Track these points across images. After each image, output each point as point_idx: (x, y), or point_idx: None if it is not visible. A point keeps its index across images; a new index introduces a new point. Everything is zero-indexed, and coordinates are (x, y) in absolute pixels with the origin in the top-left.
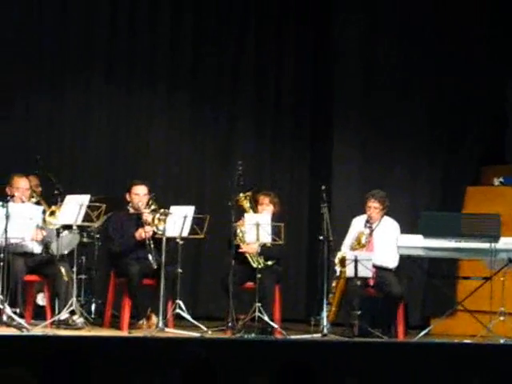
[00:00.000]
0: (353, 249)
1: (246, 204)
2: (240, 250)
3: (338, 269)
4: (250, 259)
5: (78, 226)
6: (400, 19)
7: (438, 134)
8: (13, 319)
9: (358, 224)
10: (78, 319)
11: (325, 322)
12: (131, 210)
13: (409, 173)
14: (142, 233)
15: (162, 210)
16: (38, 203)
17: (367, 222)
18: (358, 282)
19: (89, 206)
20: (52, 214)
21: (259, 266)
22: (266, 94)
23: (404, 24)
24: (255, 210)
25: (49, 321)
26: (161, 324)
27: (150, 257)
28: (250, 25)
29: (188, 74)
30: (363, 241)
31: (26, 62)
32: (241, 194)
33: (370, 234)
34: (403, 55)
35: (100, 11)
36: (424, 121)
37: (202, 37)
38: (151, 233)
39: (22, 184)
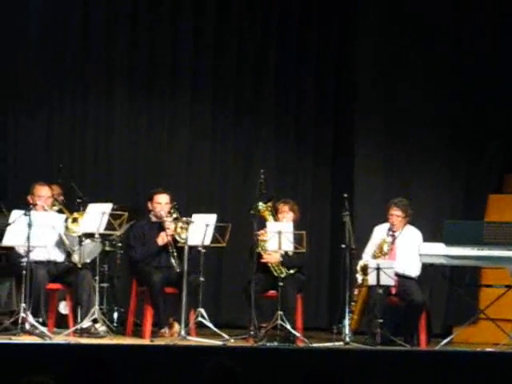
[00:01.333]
0: (375, 257)
1: (268, 214)
2: (262, 260)
3: (359, 277)
4: (272, 268)
5: (100, 235)
6: (427, 27)
7: (461, 142)
8: (35, 327)
9: (379, 232)
10: (101, 327)
11: (347, 330)
12: (153, 219)
13: (431, 181)
14: (164, 237)
15: (184, 219)
16: (60, 211)
17: (390, 230)
18: (380, 291)
19: (111, 215)
20: (74, 220)
21: (281, 275)
22: (288, 103)
23: (429, 32)
24: (276, 219)
25: (71, 329)
26: (183, 332)
27: (173, 260)
28: (272, 33)
29: (209, 83)
30: (385, 249)
31: (49, 72)
32: (261, 205)
33: (393, 243)
34: (427, 65)
35: (121, 20)
36: (446, 129)
37: (223, 47)
38: (171, 232)
39: (43, 192)
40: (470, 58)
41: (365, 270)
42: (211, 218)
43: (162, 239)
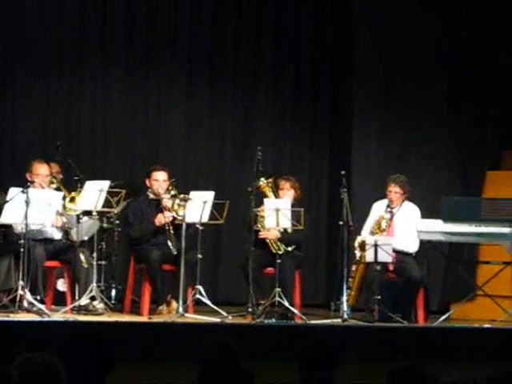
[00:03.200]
0: (373, 233)
1: (268, 190)
2: (260, 236)
3: (357, 253)
4: (270, 245)
5: (98, 212)
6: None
7: (458, 118)
8: (33, 305)
9: (378, 208)
10: (98, 305)
11: (345, 307)
12: (151, 196)
13: (428, 158)
14: (162, 218)
15: (181, 196)
16: (57, 189)
17: (388, 206)
18: (378, 267)
19: (108, 192)
20: (72, 200)
21: (279, 252)
22: (285, 80)
23: (424, 9)
24: (276, 196)
25: (69, 306)
26: (181, 309)
27: (170, 243)
28: (268, 11)
29: (206, 59)
30: (383, 225)
31: (45, 49)
32: (262, 181)
33: (391, 219)
34: (422, 41)
35: (119, 1)
36: (443, 105)
37: (219, 25)
38: (171, 218)
39: (41, 170)
40: (468, 32)
41: (363, 246)
42: (209, 195)
43: (159, 221)
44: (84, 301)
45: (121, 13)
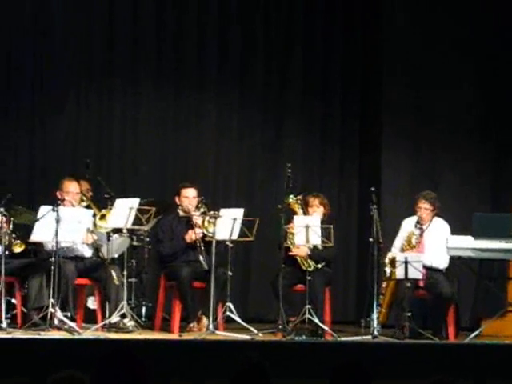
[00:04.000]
0: (403, 250)
1: (297, 207)
2: (290, 253)
3: (388, 270)
4: (300, 262)
5: (128, 230)
6: (455, 23)
7: (488, 135)
8: (64, 323)
9: (408, 225)
10: (129, 322)
11: (375, 323)
12: (181, 213)
13: (458, 175)
14: (192, 235)
15: (211, 213)
16: (88, 207)
17: (418, 222)
18: (408, 284)
19: (139, 210)
20: (102, 217)
21: (309, 269)
22: (315, 97)
23: (458, 29)
24: (306, 213)
25: (100, 324)
26: (211, 327)
27: (201, 258)
28: (297, 28)
29: (236, 77)
30: (413, 242)
31: (76, 67)
32: (292, 198)
33: (421, 235)
34: (454, 58)
35: (148, 13)
36: (474, 123)
37: (249, 40)
38: (201, 235)
39: (71, 188)
40: (498, 48)
41: (393, 262)
42: (239, 212)
43: (190, 237)
44: (114, 318)
45: (150, 29)
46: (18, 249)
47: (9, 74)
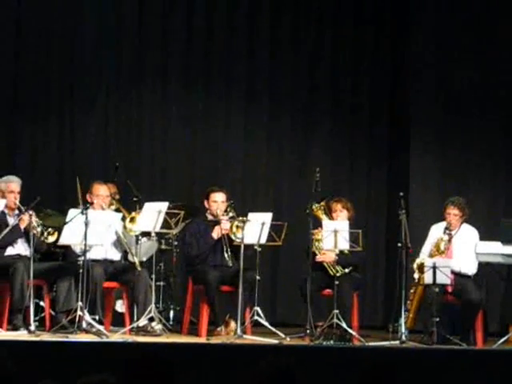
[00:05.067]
0: (432, 255)
1: (322, 214)
2: (317, 260)
3: (416, 275)
4: (327, 267)
5: (157, 233)
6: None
7: None
8: (92, 326)
9: (436, 231)
10: (157, 326)
11: (403, 329)
12: (209, 217)
13: (486, 179)
14: (219, 230)
15: (240, 218)
16: (117, 210)
17: (446, 228)
18: (437, 289)
19: (167, 213)
20: (132, 220)
21: (337, 274)
22: (343, 102)
23: (483, 37)
24: (330, 218)
25: (128, 327)
26: (239, 331)
27: (226, 255)
28: (327, 35)
29: (265, 82)
30: (442, 247)
31: (105, 69)
32: (315, 205)
33: (449, 241)
34: (485, 66)
35: (177, 16)
36: (501, 129)
37: (278, 47)
38: (227, 228)
39: (101, 191)
40: None
41: (421, 268)
42: (267, 217)
43: (217, 233)
44: (142, 322)
45: (180, 34)
46: (51, 238)
47: (38, 78)
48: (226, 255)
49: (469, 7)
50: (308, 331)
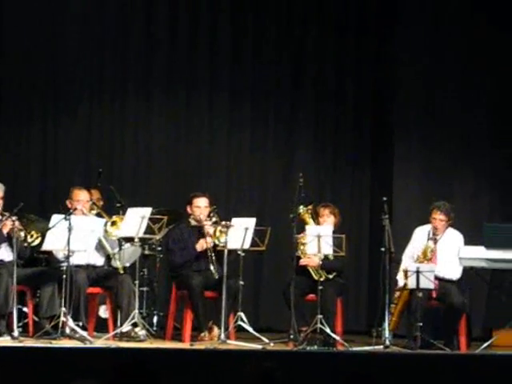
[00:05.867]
0: (418, 261)
1: (308, 218)
2: (301, 263)
3: (401, 280)
4: (311, 272)
5: (140, 239)
6: (463, 30)
7: (499, 144)
8: (76, 331)
9: (420, 234)
10: (140, 331)
11: (387, 333)
12: (193, 223)
13: (469, 185)
14: (204, 243)
15: (223, 223)
16: (98, 215)
17: (432, 233)
18: (420, 294)
19: (150, 219)
20: (113, 224)
21: (321, 279)
22: (327, 106)
23: (467, 34)
24: (317, 223)
25: (111, 333)
26: (223, 336)
27: (212, 267)
28: (310, 37)
29: (248, 87)
30: (429, 254)
31: (89, 75)
32: (302, 208)
33: (434, 246)
34: (466, 67)
35: (160, 23)
36: (485, 133)
37: (261, 51)
38: (212, 244)
39: (82, 197)
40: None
41: (407, 272)
42: (250, 222)
43: (201, 246)
44: (126, 327)
45: (163, 37)
46: (35, 240)
47: (21, 83)
48: (212, 268)
49: (455, 10)
50: (292, 336)
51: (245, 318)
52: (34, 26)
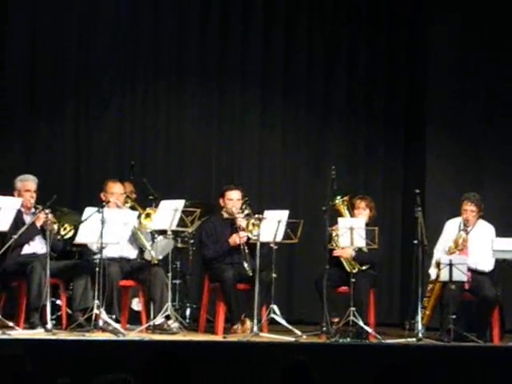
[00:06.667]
0: (450, 252)
1: (344, 209)
2: (334, 254)
3: (433, 272)
4: (344, 264)
5: (173, 231)
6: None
7: None
8: (109, 324)
9: (451, 226)
10: (173, 324)
11: (419, 326)
12: (225, 215)
13: (502, 176)
14: (236, 238)
15: (256, 216)
16: (132, 208)
17: (463, 225)
18: (453, 286)
19: (183, 211)
20: (147, 216)
21: (353, 271)
22: (359, 99)
23: (500, 37)
24: (352, 215)
25: (144, 326)
26: (255, 329)
27: (245, 264)
28: (342, 32)
29: (280, 79)
30: (460, 244)
31: (121, 68)
32: (338, 199)
33: (466, 238)
34: (496, 64)
35: (192, 14)
36: None
37: (294, 42)
38: (245, 238)
39: (116, 189)
40: None
41: (439, 265)
42: (283, 214)
43: (234, 241)
44: (159, 320)
45: (194, 28)
46: (68, 233)
47: (54, 78)
48: (245, 264)
49: (487, 10)
50: (324, 329)
51: (277, 311)
52: (65, 24)
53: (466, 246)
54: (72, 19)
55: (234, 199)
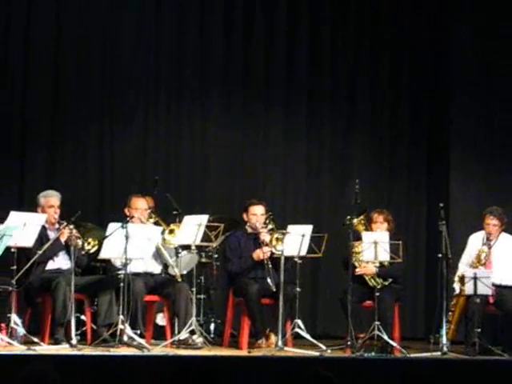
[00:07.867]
0: (472, 267)
1: (361, 228)
2: (357, 273)
3: (457, 286)
4: (367, 280)
5: (197, 246)
6: None
7: None
8: (133, 339)
9: (475, 241)
10: (198, 339)
11: (444, 340)
12: (249, 230)
13: None
14: (260, 254)
15: (279, 231)
16: (156, 223)
17: (486, 239)
18: (478, 300)
19: (207, 226)
20: (171, 232)
21: (377, 286)
22: (383, 114)
23: None
24: (369, 230)
25: (169, 341)
26: (280, 343)
27: (269, 280)
28: (365, 47)
29: (304, 95)
30: (483, 259)
31: (144, 83)
32: (355, 220)
33: (489, 252)
34: None
35: (215, 31)
36: None
37: (316, 59)
38: (269, 253)
39: (140, 205)
40: None
41: (462, 279)
42: (307, 229)
43: (258, 256)
44: (183, 335)
45: (218, 47)
46: (92, 248)
47: (77, 92)
48: (268, 280)
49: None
50: (349, 343)
51: (302, 325)
52: (89, 35)
53: (490, 260)
54: (95, 36)
55: (257, 214)
